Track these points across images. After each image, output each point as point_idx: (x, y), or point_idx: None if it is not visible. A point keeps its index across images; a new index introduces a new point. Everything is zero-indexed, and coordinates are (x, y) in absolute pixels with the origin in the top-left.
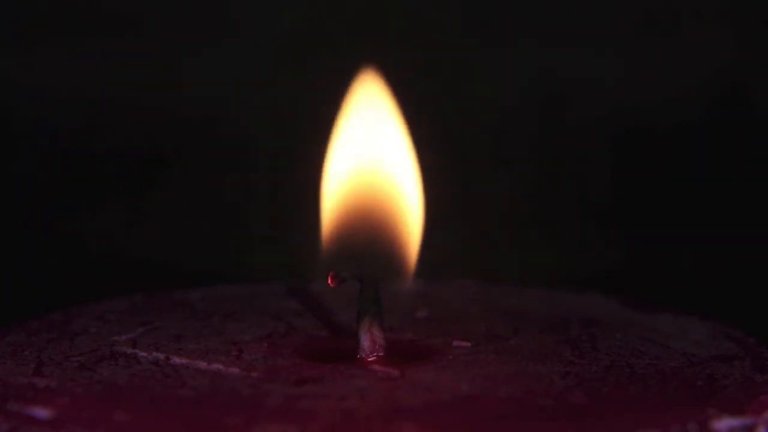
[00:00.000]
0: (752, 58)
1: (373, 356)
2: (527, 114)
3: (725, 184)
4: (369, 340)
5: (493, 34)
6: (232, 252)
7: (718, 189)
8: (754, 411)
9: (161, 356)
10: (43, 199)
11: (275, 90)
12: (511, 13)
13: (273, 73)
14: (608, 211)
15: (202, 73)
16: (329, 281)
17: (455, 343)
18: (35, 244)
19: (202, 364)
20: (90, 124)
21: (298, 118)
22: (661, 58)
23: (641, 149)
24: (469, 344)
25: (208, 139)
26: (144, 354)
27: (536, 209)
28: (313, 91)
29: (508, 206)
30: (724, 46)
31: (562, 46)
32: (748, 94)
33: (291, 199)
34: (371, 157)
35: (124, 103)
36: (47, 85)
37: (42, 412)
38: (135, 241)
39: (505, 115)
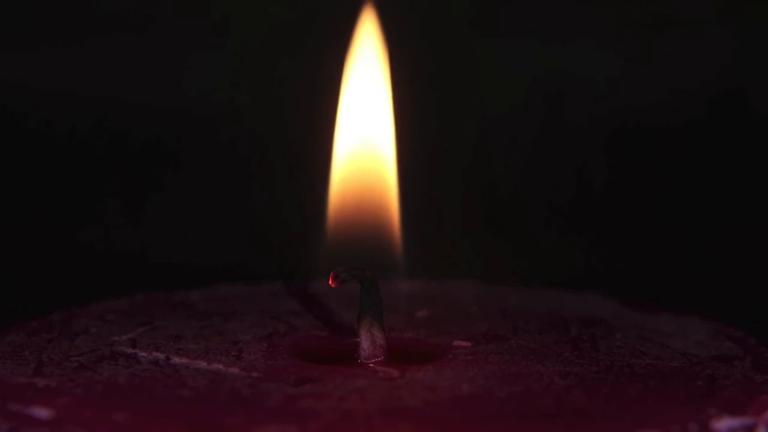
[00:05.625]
0: (751, 58)
1: (375, 360)
2: (525, 113)
3: (725, 183)
4: (369, 341)
5: (491, 33)
6: (232, 252)
7: (717, 189)
8: (754, 411)
9: (161, 356)
10: (43, 198)
11: (275, 89)
12: (510, 12)
13: (273, 71)
14: (608, 210)
15: (203, 72)
16: (329, 281)
17: (455, 343)
18: (35, 244)
19: (202, 364)
20: (90, 124)
21: (300, 118)
22: (659, 59)
23: (641, 149)
24: (469, 344)
25: (208, 138)
26: (144, 354)
27: (535, 208)
28: (312, 90)
29: (507, 205)
30: (722, 47)
31: (560, 46)
32: (747, 95)
33: (292, 199)
34: (366, 151)
35: (125, 102)
36: (48, 85)
37: (42, 412)
38: (135, 240)
39: (504, 114)
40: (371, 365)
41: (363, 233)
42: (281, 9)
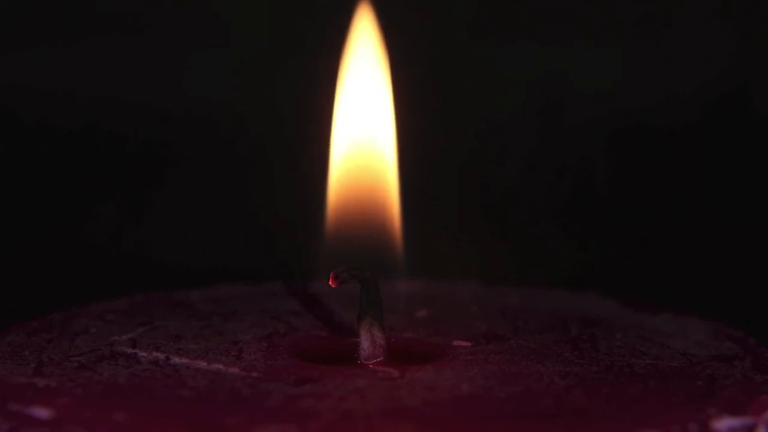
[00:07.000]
0: (752, 58)
1: (375, 360)
2: (525, 114)
3: (725, 184)
4: (369, 341)
5: (490, 35)
6: (232, 252)
7: (717, 189)
8: (754, 411)
9: (161, 356)
10: (42, 198)
11: (276, 88)
12: (510, 13)
13: (273, 71)
14: (608, 211)
15: (203, 72)
16: (330, 281)
17: (455, 343)
18: (35, 244)
19: (202, 364)
20: (90, 124)
21: (300, 117)
22: (660, 59)
23: (641, 149)
24: (469, 344)
25: (208, 138)
26: (144, 354)
27: (534, 209)
28: (313, 90)
29: (507, 206)
30: (723, 46)
31: (560, 47)
32: (748, 95)
33: (291, 199)
34: (365, 151)
35: (125, 102)
36: (48, 85)
37: (42, 412)
38: (135, 241)
39: (503, 116)
40: (371, 365)
41: (363, 233)
42: (281, 8)
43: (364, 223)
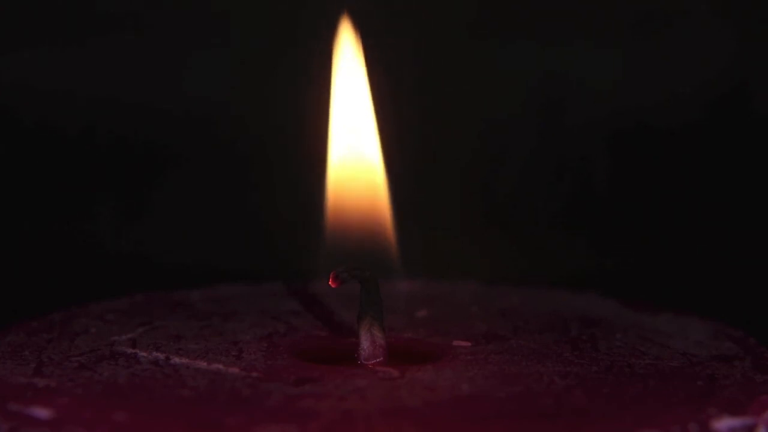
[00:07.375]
0: (752, 58)
1: (375, 361)
2: (525, 115)
3: (725, 184)
4: (369, 341)
5: (491, 35)
6: (232, 252)
7: (717, 189)
8: (754, 411)
9: (161, 356)
10: (43, 198)
11: (275, 89)
12: (510, 13)
13: (274, 71)
14: (608, 211)
15: (203, 72)
16: (330, 281)
17: (455, 343)
18: (35, 244)
19: (202, 364)
20: (90, 124)
21: (300, 117)
22: (660, 59)
23: (641, 149)
24: (469, 344)
25: (208, 138)
26: (144, 354)
27: (534, 209)
28: (313, 90)
29: (507, 206)
30: (723, 46)
31: (560, 47)
32: (748, 95)
33: (291, 199)
34: (358, 155)
35: (125, 102)
36: (48, 85)
37: (42, 412)
38: (135, 240)
39: (503, 116)
40: (371, 365)
41: (360, 234)
42: (281, 8)
43: (360, 225)
